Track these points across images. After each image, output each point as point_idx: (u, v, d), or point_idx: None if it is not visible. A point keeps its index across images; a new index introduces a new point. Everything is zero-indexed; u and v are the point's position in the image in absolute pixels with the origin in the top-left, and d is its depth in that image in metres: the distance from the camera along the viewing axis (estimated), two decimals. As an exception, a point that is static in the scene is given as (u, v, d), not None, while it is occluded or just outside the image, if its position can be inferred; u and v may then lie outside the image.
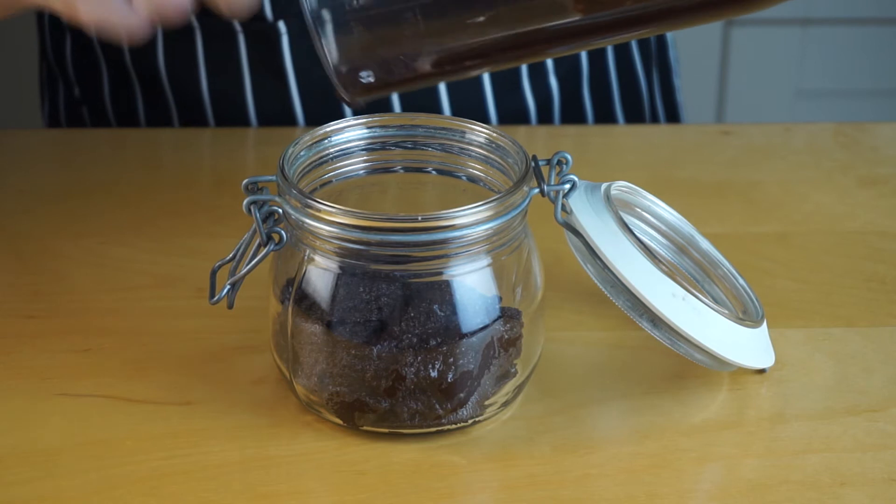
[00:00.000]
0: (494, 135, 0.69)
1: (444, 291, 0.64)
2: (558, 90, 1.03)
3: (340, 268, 0.64)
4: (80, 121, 1.07)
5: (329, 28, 0.61)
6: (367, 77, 0.61)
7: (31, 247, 0.82)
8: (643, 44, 1.09)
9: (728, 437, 0.67)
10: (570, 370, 0.72)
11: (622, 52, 1.07)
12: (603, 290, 0.68)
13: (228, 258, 0.66)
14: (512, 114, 1.02)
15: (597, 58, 1.05)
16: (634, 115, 1.09)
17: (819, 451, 0.66)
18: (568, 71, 1.03)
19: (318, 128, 0.70)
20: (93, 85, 1.04)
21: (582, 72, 1.04)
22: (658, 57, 1.12)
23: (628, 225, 0.68)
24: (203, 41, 0.98)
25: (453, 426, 0.66)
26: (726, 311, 0.68)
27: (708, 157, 0.97)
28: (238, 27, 0.97)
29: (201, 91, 0.99)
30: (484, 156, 0.70)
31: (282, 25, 0.96)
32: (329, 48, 0.60)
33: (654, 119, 1.11)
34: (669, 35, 1.13)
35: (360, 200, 0.71)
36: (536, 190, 0.67)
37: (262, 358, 0.72)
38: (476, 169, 0.70)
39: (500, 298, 0.66)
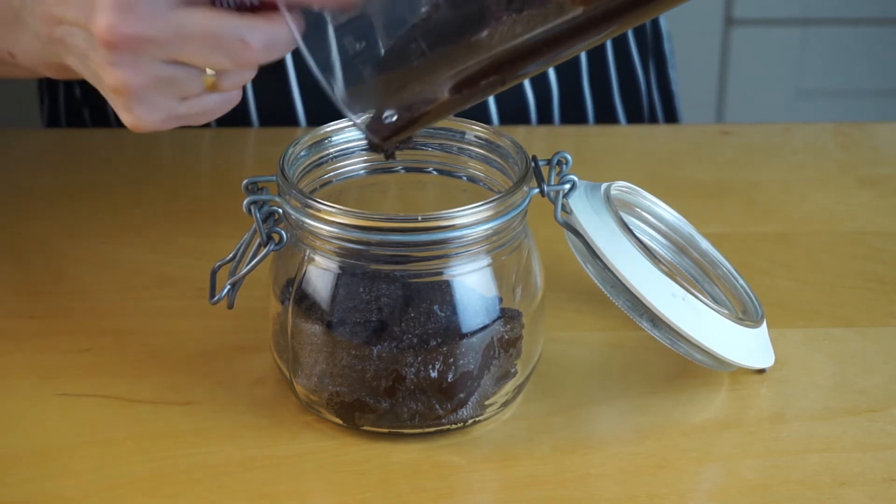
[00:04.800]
0: (494, 135, 0.69)
1: (444, 291, 0.64)
2: (557, 84, 1.03)
3: (340, 268, 0.64)
4: (80, 121, 1.06)
5: (339, 79, 0.61)
6: (390, 117, 0.61)
7: (31, 247, 0.83)
8: (640, 36, 1.09)
9: (728, 437, 0.67)
10: (570, 370, 0.72)
11: (620, 44, 1.07)
12: (603, 290, 0.68)
13: (228, 258, 0.66)
14: (512, 110, 1.02)
15: (595, 50, 1.05)
16: (633, 106, 1.09)
17: (819, 451, 0.66)
18: (567, 64, 1.03)
19: (319, 128, 0.70)
20: (93, 86, 1.04)
21: (581, 65, 1.04)
22: (654, 48, 1.12)
23: (628, 225, 0.68)
24: None
25: (453, 426, 0.66)
26: (726, 311, 0.68)
27: (708, 157, 0.97)
28: None
29: None
30: (484, 156, 0.70)
31: None
32: (345, 99, 0.61)
33: (652, 110, 1.11)
34: (664, 27, 1.13)
35: (359, 200, 0.71)
36: (536, 190, 0.67)
37: (262, 358, 0.72)
38: (476, 169, 0.70)
39: (501, 299, 0.66)
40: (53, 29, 0.67)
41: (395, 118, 0.62)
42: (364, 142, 0.70)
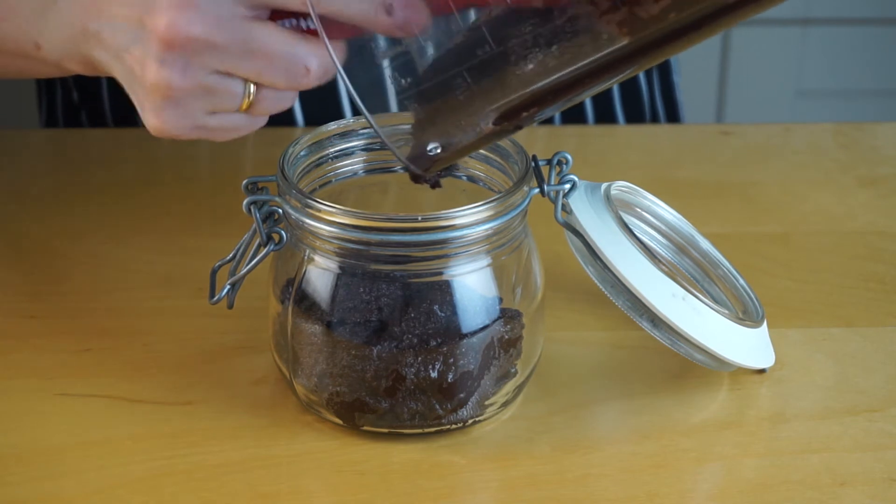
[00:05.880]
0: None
1: (444, 292, 0.64)
2: None
3: (340, 268, 0.64)
4: (77, 123, 1.06)
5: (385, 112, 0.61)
6: (434, 150, 0.62)
7: (31, 247, 0.83)
8: None
9: (728, 437, 0.67)
10: (570, 370, 0.72)
11: None
12: (603, 290, 0.68)
13: (228, 258, 0.66)
14: None
15: None
16: (634, 113, 1.08)
17: (819, 451, 0.66)
18: None
19: (318, 128, 0.70)
20: (92, 89, 1.04)
21: None
22: None
23: (628, 225, 0.68)
24: None
25: (453, 426, 0.66)
26: (726, 311, 0.68)
27: (708, 157, 0.97)
28: None
29: None
30: (484, 156, 0.70)
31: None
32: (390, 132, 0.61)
33: (654, 118, 1.11)
34: None
35: (359, 200, 0.71)
36: (536, 190, 0.67)
37: (262, 358, 0.72)
38: (476, 169, 0.70)
39: (501, 299, 0.66)
40: (91, 21, 0.65)
41: (438, 150, 0.62)
42: (361, 143, 0.70)
